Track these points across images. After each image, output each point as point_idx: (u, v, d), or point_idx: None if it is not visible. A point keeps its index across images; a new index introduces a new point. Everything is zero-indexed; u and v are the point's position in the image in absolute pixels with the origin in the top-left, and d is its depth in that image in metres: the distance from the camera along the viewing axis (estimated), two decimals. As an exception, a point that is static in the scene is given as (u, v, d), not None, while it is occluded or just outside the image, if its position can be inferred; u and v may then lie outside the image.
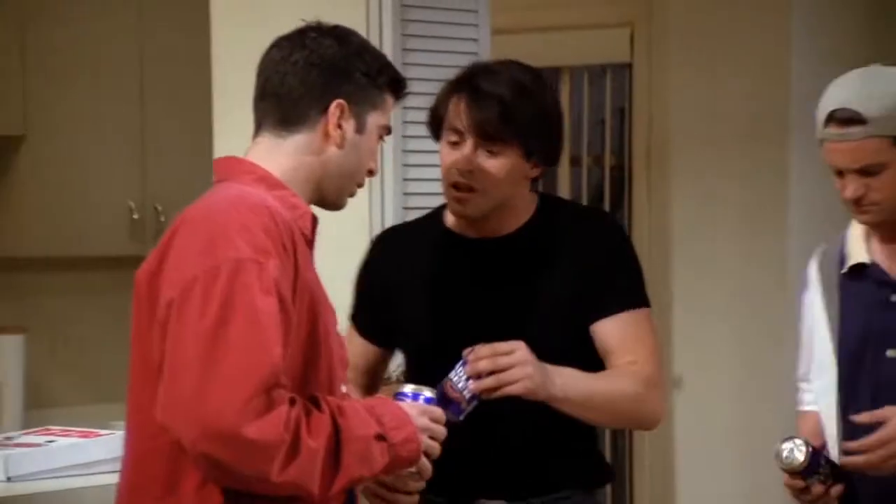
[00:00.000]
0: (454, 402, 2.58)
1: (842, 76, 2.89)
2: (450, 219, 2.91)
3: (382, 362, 3.03)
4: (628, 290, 2.85)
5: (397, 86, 2.48)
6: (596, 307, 2.81)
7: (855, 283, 2.93)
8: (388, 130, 2.49)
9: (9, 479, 3.14)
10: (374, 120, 2.44)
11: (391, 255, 2.96)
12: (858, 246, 2.94)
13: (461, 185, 2.80)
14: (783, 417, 3.66)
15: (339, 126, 2.40)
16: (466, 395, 2.57)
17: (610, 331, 2.80)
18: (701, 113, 5.42)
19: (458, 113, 2.79)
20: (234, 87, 2.63)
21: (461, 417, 2.59)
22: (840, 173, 2.83)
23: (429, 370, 2.66)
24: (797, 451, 2.80)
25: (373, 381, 3.01)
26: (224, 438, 2.12)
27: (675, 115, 5.51)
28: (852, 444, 2.79)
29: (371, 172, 2.48)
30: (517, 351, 2.61)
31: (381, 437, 2.29)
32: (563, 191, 5.94)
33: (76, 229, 5.40)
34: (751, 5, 5.31)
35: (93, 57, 5.41)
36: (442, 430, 2.42)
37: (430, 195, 4.09)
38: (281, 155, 2.40)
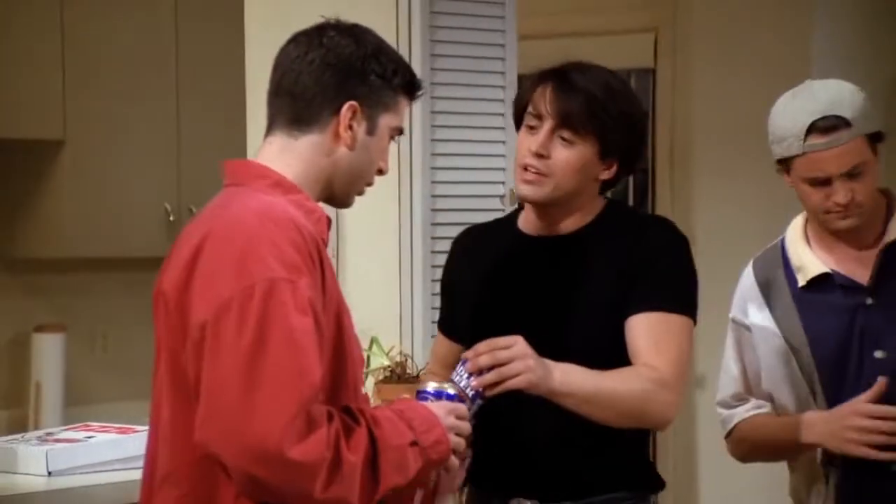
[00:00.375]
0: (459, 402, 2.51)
1: (787, 96, 2.94)
2: (521, 219, 2.88)
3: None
4: (667, 292, 2.75)
5: (411, 87, 2.44)
6: (630, 302, 2.73)
7: (817, 294, 2.93)
8: (400, 131, 2.45)
9: (49, 474, 3.18)
10: (385, 121, 2.40)
11: (464, 255, 2.94)
12: (808, 257, 2.95)
13: (531, 167, 2.75)
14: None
15: (351, 127, 2.36)
16: (469, 392, 2.50)
17: (636, 328, 2.72)
18: (723, 116, 5.41)
19: (543, 99, 2.74)
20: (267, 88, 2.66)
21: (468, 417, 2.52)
22: (823, 183, 2.84)
23: None
24: None
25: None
26: (269, 460, 2.12)
27: (697, 118, 5.51)
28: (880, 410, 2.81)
29: (381, 172, 2.45)
30: (516, 345, 2.56)
31: (414, 444, 2.28)
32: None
33: (114, 231, 5.48)
34: (772, 11, 5.30)
35: (130, 63, 5.49)
36: (467, 427, 2.41)
37: (457, 197, 4.15)
38: (293, 156, 2.36)
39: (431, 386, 2.45)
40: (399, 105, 2.43)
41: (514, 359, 2.55)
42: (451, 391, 2.44)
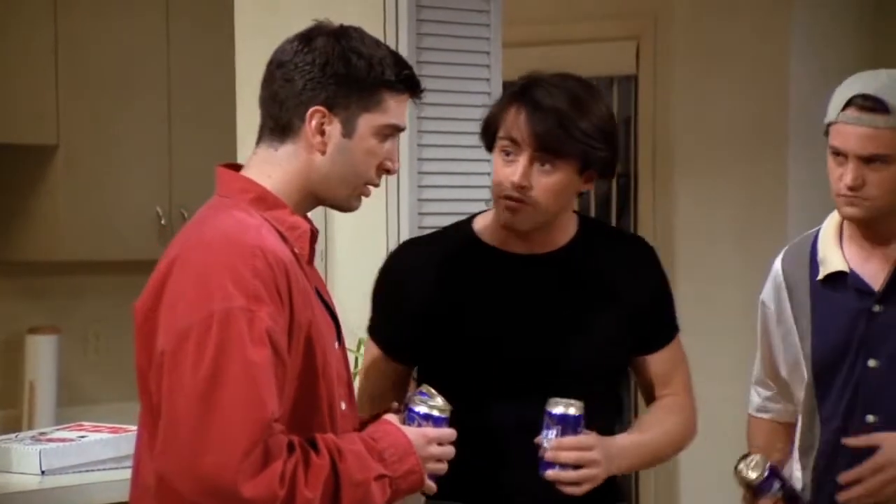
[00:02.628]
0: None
1: (867, 72, 2.86)
2: (487, 233, 2.79)
3: (405, 381, 2.85)
4: (670, 323, 2.87)
5: (402, 84, 2.36)
6: (644, 342, 2.82)
7: (831, 292, 2.88)
8: (395, 129, 2.37)
9: (43, 473, 3.20)
10: (367, 122, 2.33)
11: (422, 271, 2.78)
12: (833, 252, 2.90)
13: (513, 197, 2.68)
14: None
15: (322, 132, 2.31)
16: (545, 466, 2.60)
17: (655, 364, 2.84)
18: (703, 123, 5.43)
19: (517, 124, 2.66)
20: (258, 95, 2.59)
21: (545, 473, 2.61)
22: (841, 158, 2.79)
23: (474, 385, 2.67)
24: (751, 470, 2.83)
25: (396, 397, 2.71)
26: (221, 496, 2.12)
27: (678, 125, 5.52)
28: (849, 475, 2.78)
29: (388, 171, 2.39)
30: (596, 448, 2.62)
31: (381, 477, 2.25)
32: (572, 198, 6.03)
33: (107, 234, 5.48)
34: (752, 21, 5.31)
35: (122, 69, 5.50)
36: (450, 452, 2.38)
37: (444, 202, 4.16)
38: (274, 167, 2.33)
39: (421, 407, 2.38)
40: (384, 103, 2.34)
41: (593, 465, 2.63)
42: (439, 413, 2.38)
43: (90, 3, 5.47)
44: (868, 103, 2.76)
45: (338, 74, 2.31)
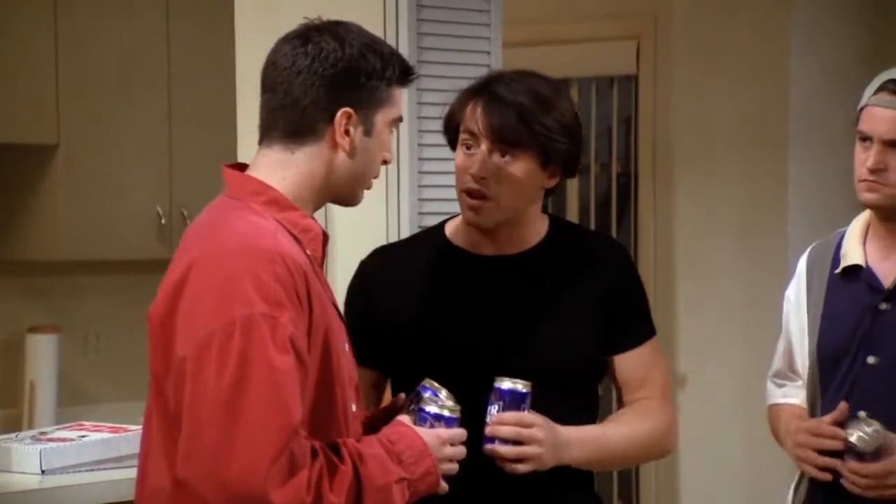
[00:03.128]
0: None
1: None
2: (457, 236, 2.78)
3: (380, 390, 2.82)
4: (643, 324, 2.80)
5: (404, 76, 2.37)
6: (617, 342, 2.76)
7: (846, 285, 2.90)
8: (399, 120, 2.40)
9: (43, 472, 3.19)
10: (382, 118, 2.35)
11: (390, 277, 2.78)
12: (855, 247, 2.91)
13: (474, 191, 2.67)
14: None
15: (347, 133, 2.31)
16: (486, 441, 2.54)
17: (628, 364, 2.77)
18: (703, 122, 5.43)
19: (475, 117, 2.67)
20: (258, 94, 2.58)
21: (484, 447, 2.56)
22: (867, 144, 2.80)
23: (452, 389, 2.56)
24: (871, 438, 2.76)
25: (377, 398, 2.78)
26: (248, 502, 2.11)
27: (678, 125, 5.52)
28: (858, 468, 2.78)
29: (385, 162, 2.40)
30: (539, 428, 2.56)
31: (401, 480, 2.26)
32: (572, 197, 5.94)
33: (107, 233, 5.48)
34: (752, 20, 5.32)
35: (122, 68, 5.51)
36: (462, 452, 2.38)
37: (445, 201, 4.13)
38: (291, 170, 2.32)
39: (432, 408, 2.39)
40: (393, 97, 2.36)
41: (534, 442, 2.56)
42: (450, 414, 2.39)
43: (90, 3, 5.48)
44: None
45: (359, 75, 2.32)
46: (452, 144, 2.76)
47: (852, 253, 2.92)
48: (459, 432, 2.39)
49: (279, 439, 2.12)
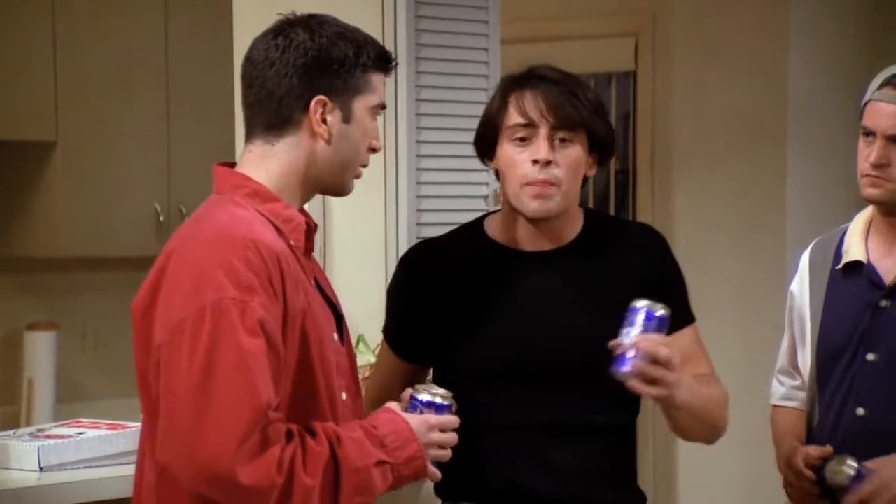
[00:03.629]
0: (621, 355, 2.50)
1: None
2: (498, 233, 2.77)
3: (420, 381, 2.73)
4: (684, 309, 2.79)
5: (382, 62, 2.39)
6: None
7: (847, 281, 2.91)
8: (383, 107, 2.41)
9: (41, 469, 3.18)
10: (361, 104, 2.37)
11: (435, 274, 2.78)
12: (856, 243, 2.91)
13: (538, 181, 2.64)
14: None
15: (325, 121, 2.34)
16: (626, 361, 2.50)
17: (677, 347, 2.68)
18: (702, 119, 5.43)
19: (526, 106, 2.65)
20: None
21: (623, 369, 2.51)
22: (870, 139, 2.81)
23: (495, 388, 2.64)
24: (847, 468, 2.78)
25: None
26: (219, 482, 2.15)
27: (677, 121, 5.52)
28: (851, 501, 2.78)
29: (374, 150, 2.42)
30: (675, 362, 2.52)
31: (382, 463, 2.27)
32: (571, 194, 6.04)
33: (106, 230, 5.52)
34: (750, 17, 5.32)
35: (121, 66, 5.53)
36: (452, 438, 2.38)
37: (442, 198, 4.17)
38: (272, 161, 2.35)
39: (424, 395, 2.40)
40: (371, 83, 2.38)
41: (671, 365, 2.52)
42: (441, 401, 2.39)
43: (89, 1, 5.49)
44: None
45: (331, 63, 2.34)
46: (489, 154, 2.74)
47: (854, 249, 2.92)
48: (450, 419, 2.39)
49: (248, 419, 2.15)
